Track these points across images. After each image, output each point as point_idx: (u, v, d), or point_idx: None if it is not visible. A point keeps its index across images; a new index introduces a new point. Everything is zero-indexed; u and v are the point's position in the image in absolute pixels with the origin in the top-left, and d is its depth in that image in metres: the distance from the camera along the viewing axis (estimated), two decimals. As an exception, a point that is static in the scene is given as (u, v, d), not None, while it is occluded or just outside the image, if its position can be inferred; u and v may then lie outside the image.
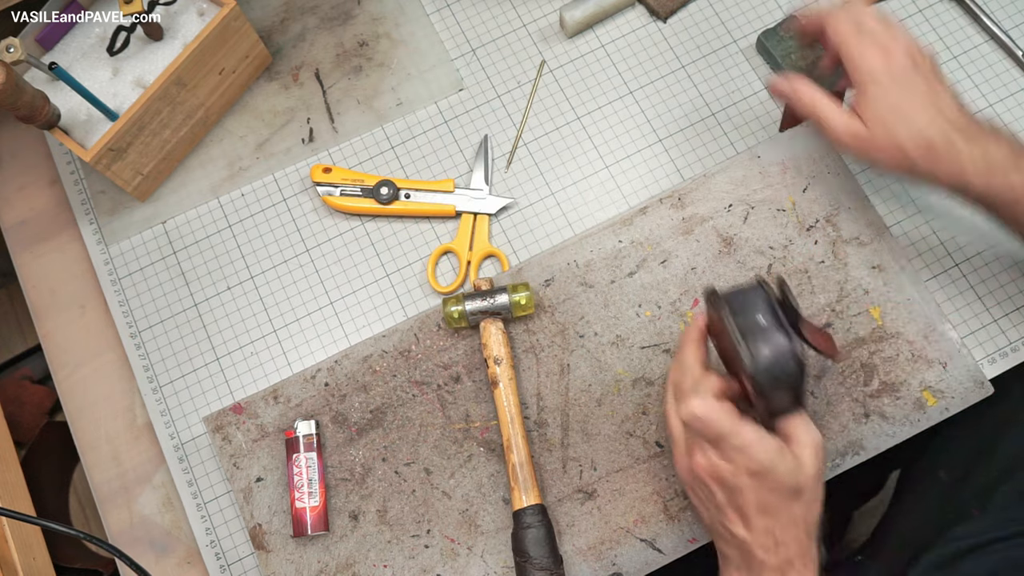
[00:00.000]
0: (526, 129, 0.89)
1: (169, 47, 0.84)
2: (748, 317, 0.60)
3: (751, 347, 0.59)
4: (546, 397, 0.77)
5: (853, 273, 0.79)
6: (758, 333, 0.60)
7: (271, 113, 0.90)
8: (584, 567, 0.74)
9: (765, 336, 0.60)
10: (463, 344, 0.79)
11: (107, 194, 0.89)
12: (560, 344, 0.79)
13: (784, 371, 0.59)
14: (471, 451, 0.77)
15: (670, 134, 0.88)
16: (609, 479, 0.75)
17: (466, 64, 0.91)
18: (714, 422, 0.60)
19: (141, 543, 0.81)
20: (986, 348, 0.80)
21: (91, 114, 0.82)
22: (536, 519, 0.71)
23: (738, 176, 0.82)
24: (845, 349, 0.77)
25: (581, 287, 0.80)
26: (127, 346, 0.84)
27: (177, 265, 0.87)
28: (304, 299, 0.85)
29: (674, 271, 0.80)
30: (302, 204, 0.88)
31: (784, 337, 0.59)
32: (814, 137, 0.83)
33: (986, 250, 0.82)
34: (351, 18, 0.93)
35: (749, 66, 0.90)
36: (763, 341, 0.59)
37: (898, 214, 0.84)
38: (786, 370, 0.59)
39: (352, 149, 0.89)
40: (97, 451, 0.83)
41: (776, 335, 0.60)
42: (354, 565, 0.75)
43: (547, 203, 0.86)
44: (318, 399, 0.79)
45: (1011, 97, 0.87)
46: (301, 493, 0.75)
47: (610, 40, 0.91)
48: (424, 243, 0.86)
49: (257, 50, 0.88)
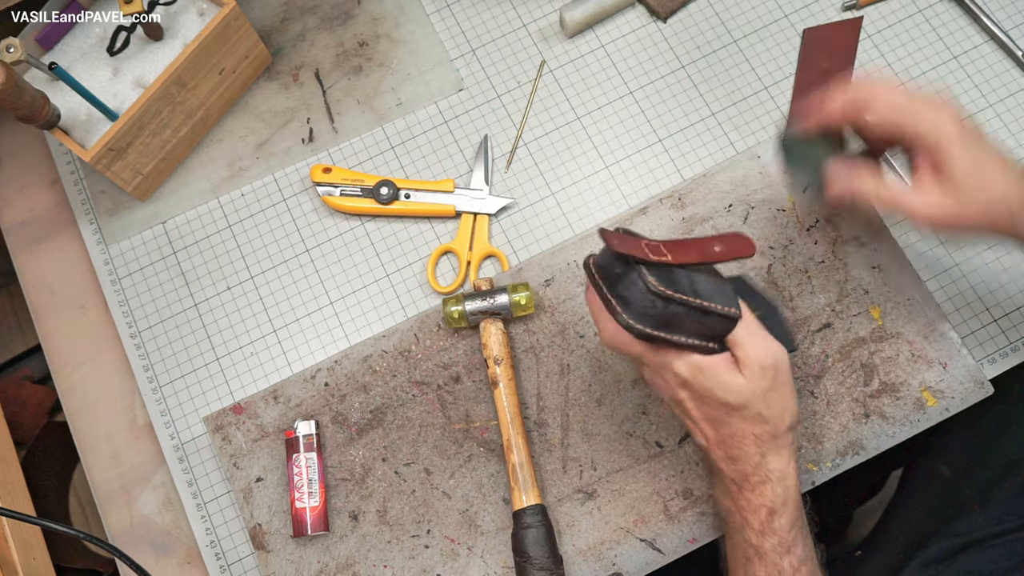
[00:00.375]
0: (526, 129, 0.89)
1: (169, 47, 0.84)
2: (606, 273, 0.61)
3: (613, 300, 0.60)
4: (546, 397, 0.77)
5: (853, 273, 0.79)
6: (616, 283, 0.60)
7: (271, 113, 0.90)
8: (584, 567, 0.74)
9: (619, 283, 0.60)
10: (463, 344, 0.79)
11: (107, 194, 0.89)
12: (560, 344, 0.79)
13: (644, 307, 0.59)
14: (471, 451, 0.77)
15: (670, 134, 0.88)
16: (609, 479, 0.75)
17: (466, 64, 0.91)
18: (622, 345, 0.61)
19: (141, 543, 0.81)
20: (986, 348, 0.80)
21: (91, 114, 0.82)
22: (536, 519, 0.71)
23: (738, 176, 0.82)
24: (845, 349, 0.77)
25: (581, 287, 0.80)
26: (127, 346, 0.84)
27: (177, 265, 0.87)
28: (304, 299, 0.85)
29: (674, 271, 0.80)
30: (302, 204, 0.88)
31: (631, 273, 0.59)
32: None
33: (986, 250, 0.82)
34: (351, 18, 0.93)
35: (749, 66, 0.90)
36: (621, 288, 0.60)
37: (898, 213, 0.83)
38: (645, 305, 0.59)
39: (352, 149, 0.89)
40: (97, 451, 0.83)
41: (625, 277, 0.60)
42: (354, 565, 0.75)
43: (547, 203, 0.86)
44: (318, 399, 0.79)
45: (1011, 97, 0.87)
46: (301, 493, 0.75)
47: (610, 40, 0.91)
48: (424, 243, 0.86)
49: (257, 50, 0.88)
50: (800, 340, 0.78)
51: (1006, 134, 0.86)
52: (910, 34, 0.90)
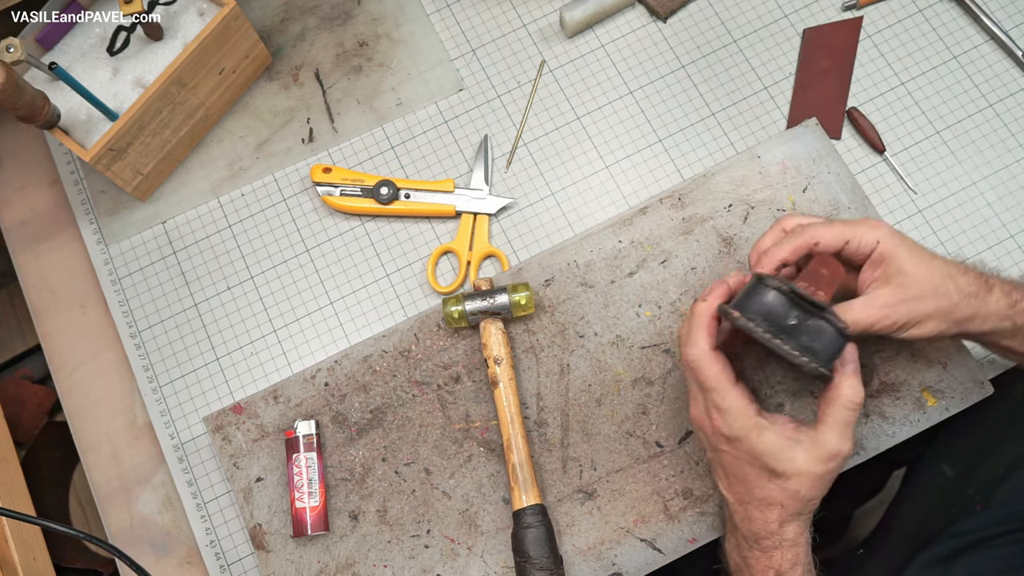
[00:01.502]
0: (526, 129, 0.89)
1: (169, 47, 0.84)
2: (776, 322, 0.61)
3: (797, 349, 0.60)
4: (546, 397, 0.77)
5: (853, 273, 0.79)
6: (795, 333, 0.61)
7: (271, 113, 0.90)
8: (584, 567, 0.74)
9: (803, 332, 0.61)
10: (463, 344, 0.79)
11: (107, 194, 0.89)
12: (560, 344, 0.79)
13: (831, 348, 0.61)
14: (471, 451, 0.77)
15: (670, 134, 0.88)
16: (609, 479, 0.75)
17: (466, 64, 0.91)
18: (702, 370, 0.63)
19: (141, 543, 0.81)
20: (986, 348, 0.79)
21: (91, 114, 0.82)
22: (536, 519, 0.71)
23: (738, 176, 0.82)
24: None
25: (581, 287, 0.80)
26: (127, 346, 0.84)
27: (177, 265, 0.87)
28: (304, 299, 0.85)
29: (674, 271, 0.80)
30: (302, 204, 0.88)
31: (823, 323, 0.61)
32: (814, 137, 0.83)
33: (986, 250, 0.82)
34: (351, 18, 0.93)
35: (749, 66, 0.90)
36: (807, 337, 0.61)
37: (898, 214, 0.84)
38: (832, 346, 0.61)
39: (352, 149, 0.89)
40: (97, 451, 0.83)
41: (815, 325, 0.61)
42: (354, 565, 0.75)
43: (547, 203, 0.86)
44: (318, 399, 0.79)
45: (1011, 97, 0.87)
46: (301, 493, 0.75)
47: (610, 40, 0.91)
48: (424, 243, 0.86)
49: (257, 50, 0.88)
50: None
51: (1006, 134, 0.86)
52: (910, 34, 0.90)
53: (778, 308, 0.61)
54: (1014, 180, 0.85)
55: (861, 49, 0.90)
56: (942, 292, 0.64)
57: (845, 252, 0.66)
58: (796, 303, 0.61)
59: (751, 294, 0.62)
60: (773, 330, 0.61)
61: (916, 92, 0.88)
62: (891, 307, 0.64)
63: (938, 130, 0.87)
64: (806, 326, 0.60)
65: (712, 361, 0.63)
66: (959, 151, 0.86)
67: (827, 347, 0.61)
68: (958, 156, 0.86)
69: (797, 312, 0.61)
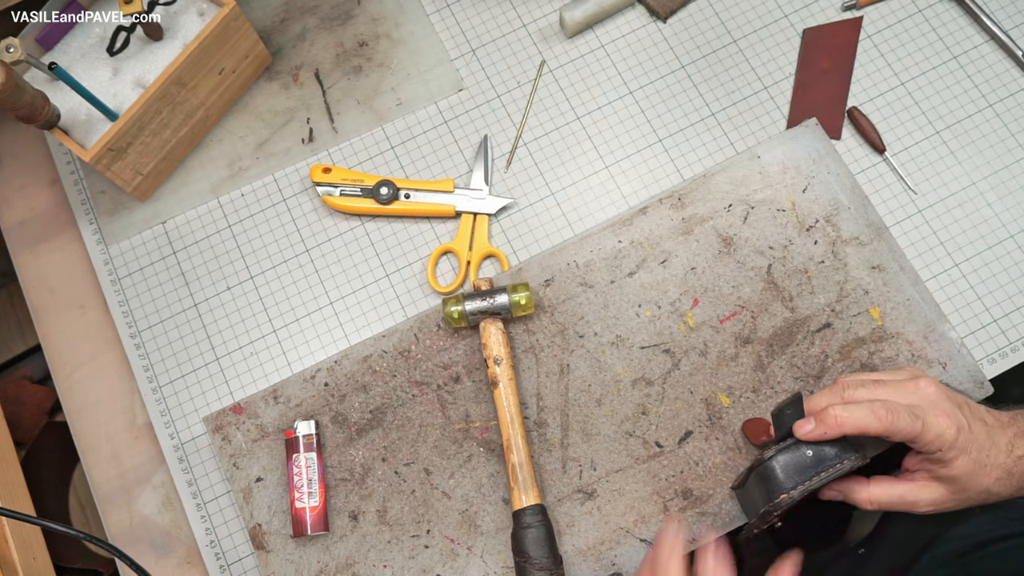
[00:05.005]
0: (526, 129, 0.89)
1: (169, 47, 0.84)
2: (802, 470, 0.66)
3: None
4: (546, 397, 0.77)
5: (853, 273, 0.79)
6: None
7: (271, 113, 0.90)
8: (584, 567, 0.74)
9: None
10: (463, 344, 0.79)
11: (107, 194, 0.89)
12: (560, 344, 0.79)
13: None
14: (471, 451, 0.77)
15: (670, 134, 0.88)
16: (609, 479, 0.75)
17: (466, 64, 0.91)
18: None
19: (141, 543, 0.81)
20: (986, 348, 0.80)
21: (91, 114, 0.82)
22: (536, 519, 0.71)
23: (738, 176, 0.82)
24: (844, 349, 0.77)
25: (581, 287, 0.80)
26: (127, 346, 0.84)
27: (177, 265, 0.87)
28: (304, 299, 0.85)
29: (674, 271, 0.80)
30: (302, 204, 0.88)
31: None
32: (814, 137, 0.83)
33: (986, 250, 0.82)
34: (351, 18, 0.93)
35: (749, 66, 0.90)
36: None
37: (898, 214, 0.84)
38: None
39: (352, 149, 0.89)
40: (97, 451, 0.83)
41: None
42: (354, 565, 0.75)
43: (547, 203, 0.86)
44: (318, 399, 0.79)
45: (1011, 97, 0.87)
46: (301, 493, 0.75)
47: (610, 40, 0.91)
48: (424, 243, 0.86)
49: (257, 50, 0.88)
50: (800, 340, 0.78)
51: (1006, 134, 0.86)
52: (910, 34, 0.90)
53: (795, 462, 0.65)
54: (1014, 180, 0.85)
55: (861, 49, 0.90)
56: (993, 493, 0.66)
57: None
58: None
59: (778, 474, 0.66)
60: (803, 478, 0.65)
61: (916, 92, 0.88)
62: (937, 504, 0.66)
63: (938, 130, 0.87)
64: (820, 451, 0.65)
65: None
66: (959, 151, 0.86)
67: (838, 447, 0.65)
68: (958, 156, 0.86)
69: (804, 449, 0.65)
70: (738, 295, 0.79)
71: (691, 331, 0.78)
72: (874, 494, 0.68)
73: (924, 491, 0.67)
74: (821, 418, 0.64)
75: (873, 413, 0.62)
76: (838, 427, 0.63)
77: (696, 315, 0.79)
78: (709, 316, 0.79)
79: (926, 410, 0.64)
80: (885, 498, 0.68)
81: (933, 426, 0.63)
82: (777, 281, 0.79)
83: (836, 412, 0.63)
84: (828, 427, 0.63)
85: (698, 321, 0.79)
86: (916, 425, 0.63)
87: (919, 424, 0.63)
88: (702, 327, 0.78)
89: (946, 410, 0.64)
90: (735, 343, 0.78)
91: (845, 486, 0.69)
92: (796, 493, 0.63)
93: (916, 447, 0.65)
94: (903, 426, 0.62)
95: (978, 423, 0.65)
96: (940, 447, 0.63)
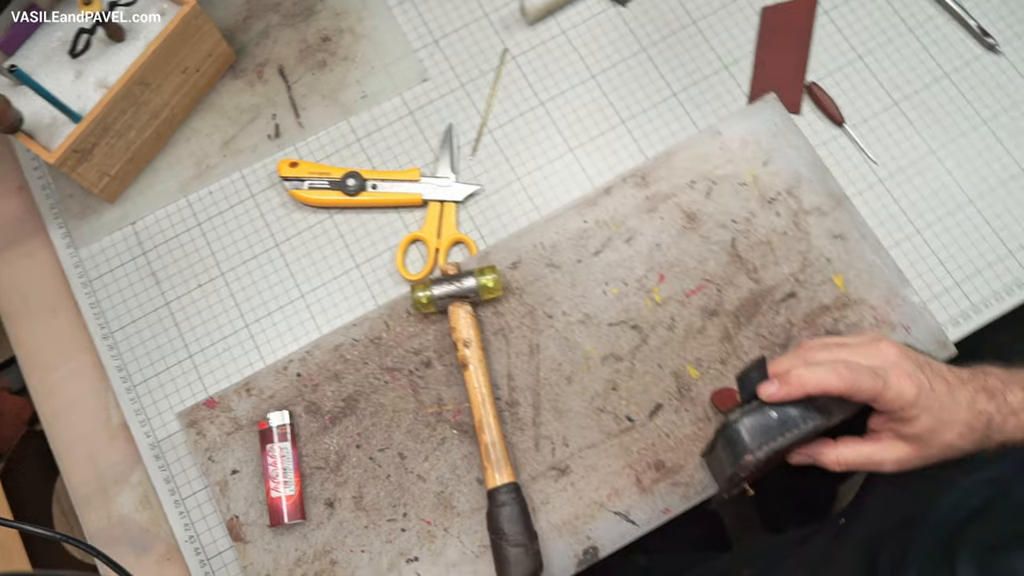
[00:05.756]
0: (491, 116, 0.90)
1: (131, 48, 0.84)
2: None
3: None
4: (517, 377, 0.78)
5: (815, 243, 0.80)
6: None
7: (237, 110, 0.91)
8: (560, 543, 0.74)
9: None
10: (433, 329, 0.80)
11: (75, 197, 0.89)
12: (529, 325, 0.79)
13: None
14: (444, 434, 0.77)
15: (633, 115, 0.89)
16: (581, 455, 0.76)
17: (429, 55, 0.92)
18: None
19: (120, 543, 0.81)
20: (950, 311, 0.81)
21: (55, 117, 0.82)
22: (510, 496, 0.71)
23: (700, 153, 0.83)
24: (809, 317, 0.78)
25: (548, 268, 0.80)
26: (100, 348, 0.85)
27: (147, 265, 0.87)
28: (275, 293, 0.85)
29: (639, 248, 0.81)
30: (270, 199, 0.88)
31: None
32: (773, 112, 0.84)
33: (946, 216, 0.83)
34: (314, 14, 0.94)
35: (708, 46, 0.91)
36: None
37: (859, 184, 0.85)
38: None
39: (319, 143, 0.90)
40: (73, 453, 0.83)
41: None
42: (332, 552, 0.75)
43: (513, 188, 0.87)
44: (291, 390, 0.79)
45: (966, 67, 0.88)
46: (276, 483, 0.75)
47: (571, 26, 0.92)
48: (393, 233, 0.86)
49: (220, 48, 0.89)
50: (765, 310, 0.79)
51: (963, 102, 0.87)
52: (866, 8, 0.91)
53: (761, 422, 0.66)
54: (971, 147, 0.86)
55: (818, 25, 0.91)
56: (956, 447, 0.66)
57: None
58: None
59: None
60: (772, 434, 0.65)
61: (874, 65, 0.89)
62: (903, 463, 0.67)
63: (896, 101, 0.88)
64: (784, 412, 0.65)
65: None
66: (917, 121, 0.87)
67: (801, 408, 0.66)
68: (916, 126, 0.87)
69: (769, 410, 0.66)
70: (703, 269, 0.80)
71: (658, 306, 0.79)
72: (842, 455, 0.69)
73: (889, 450, 0.67)
74: (784, 379, 0.64)
75: (835, 372, 0.63)
76: (801, 387, 0.64)
77: (662, 290, 0.79)
78: (675, 291, 0.79)
79: (888, 370, 0.65)
80: (852, 458, 0.69)
81: (894, 385, 0.64)
82: (741, 254, 0.80)
83: (799, 372, 0.64)
84: (791, 387, 0.64)
85: (665, 296, 0.79)
86: (878, 384, 0.63)
87: (880, 383, 0.63)
88: (669, 302, 0.79)
89: (907, 370, 0.65)
90: (702, 316, 0.78)
91: (814, 449, 0.70)
92: (761, 454, 0.63)
93: (879, 407, 0.66)
94: (865, 385, 0.63)
95: (939, 381, 0.66)
96: (902, 406, 0.64)
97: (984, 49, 0.89)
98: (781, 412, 0.64)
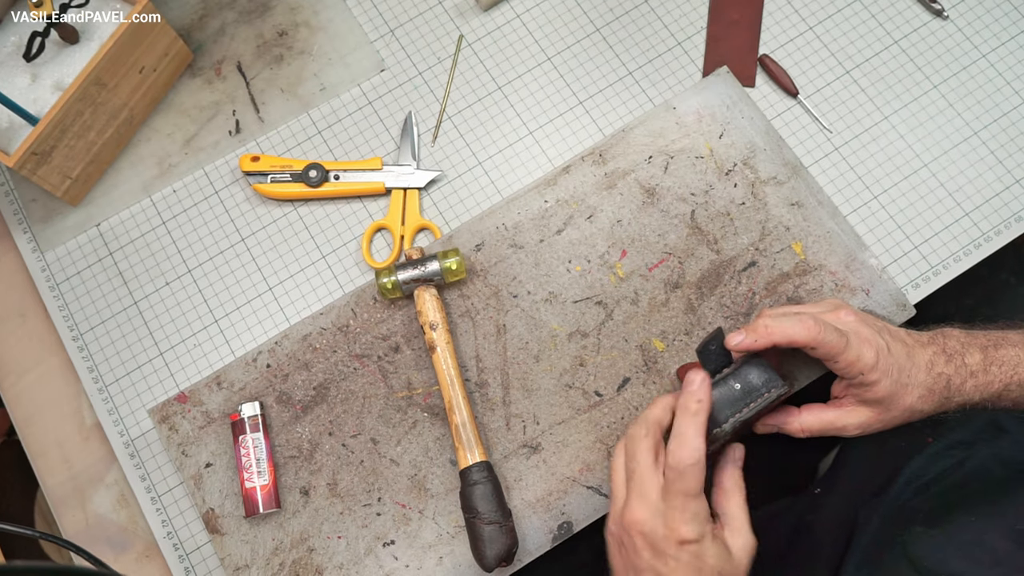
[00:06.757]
0: (449, 103, 0.90)
1: (86, 49, 0.85)
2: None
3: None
4: (485, 358, 0.79)
5: (773, 212, 0.81)
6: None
7: (197, 108, 0.91)
8: (534, 519, 0.75)
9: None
10: (400, 314, 0.80)
11: (39, 202, 0.89)
12: (495, 306, 0.80)
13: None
14: (415, 417, 0.78)
15: (590, 95, 0.90)
16: (552, 432, 0.77)
17: (386, 45, 0.93)
18: (696, 477, 0.59)
19: (98, 542, 0.81)
20: (909, 274, 0.82)
21: (13, 121, 0.82)
22: (482, 475, 0.72)
23: (656, 128, 0.84)
24: (771, 285, 0.79)
25: (511, 248, 0.81)
26: (70, 349, 0.85)
27: (114, 266, 0.87)
28: (243, 287, 0.86)
29: (601, 225, 0.81)
30: (234, 195, 0.89)
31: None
32: (726, 85, 0.85)
33: (902, 180, 0.85)
34: (269, 9, 0.94)
35: (661, 23, 0.92)
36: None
37: (816, 153, 0.86)
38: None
39: (280, 137, 0.90)
40: (47, 456, 0.83)
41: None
42: (308, 539, 0.75)
43: (475, 172, 0.88)
44: (261, 381, 0.79)
45: (915, 33, 0.90)
46: (250, 473, 0.75)
47: (525, 10, 0.93)
48: (357, 222, 0.87)
49: (177, 47, 0.89)
50: (727, 280, 0.80)
51: (912, 68, 0.88)
52: (814, -20, 0.92)
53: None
54: (923, 112, 0.87)
55: (769, -1, 0.92)
56: (917, 410, 0.67)
57: (820, 355, 0.67)
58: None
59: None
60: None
61: (824, 35, 0.90)
62: (865, 427, 0.68)
63: (848, 70, 0.89)
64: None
65: (703, 467, 0.60)
66: (869, 88, 0.88)
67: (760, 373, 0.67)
68: (868, 93, 0.88)
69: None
70: (664, 242, 0.81)
71: (621, 281, 0.80)
72: (805, 422, 0.70)
73: (851, 415, 0.68)
74: (751, 328, 0.65)
75: (802, 323, 0.64)
76: (767, 335, 0.64)
77: (625, 265, 0.80)
78: (638, 265, 0.80)
79: (848, 335, 0.66)
80: (816, 425, 0.70)
81: (855, 347, 0.65)
82: (701, 226, 0.81)
83: (766, 322, 0.65)
84: (758, 335, 0.65)
85: (627, 271, 0.80)
86: (841, 341, 0.64)
87: (844, 340, 0.64)
88: (632, 276, 0.80)
89: (866, 336, 0.66)
90: (665, 289, 0.79)
91: (779, 418, 0.71)
92: (728, 426, 0.64)
93: (839, 369, 0.67)
94: (830, 339, 0.64)
95: (898, 344, 0.67)
96: (861, 371, 0.65)
97: (932, 15, 0.90)
98: (744, 383, 0.65)
